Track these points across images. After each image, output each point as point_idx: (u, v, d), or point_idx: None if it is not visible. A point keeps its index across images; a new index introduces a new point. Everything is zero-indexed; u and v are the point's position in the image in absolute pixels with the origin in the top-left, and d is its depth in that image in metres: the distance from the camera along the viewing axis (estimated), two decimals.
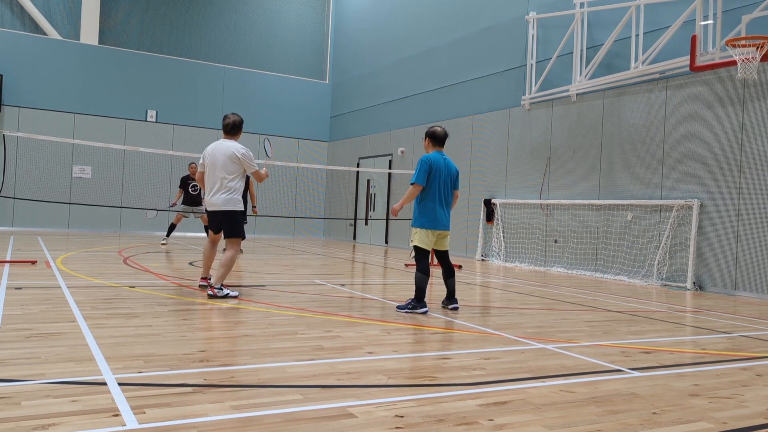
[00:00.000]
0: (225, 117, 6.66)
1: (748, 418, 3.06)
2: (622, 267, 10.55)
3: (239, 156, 6.40)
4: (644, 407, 3.16)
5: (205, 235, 13.42)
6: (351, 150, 20.08)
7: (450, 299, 6.35)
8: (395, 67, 17.97)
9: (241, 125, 6.68)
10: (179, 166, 18.89)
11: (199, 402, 2.92)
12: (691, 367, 4.15)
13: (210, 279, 6.75)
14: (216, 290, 6.30)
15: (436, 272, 8.42)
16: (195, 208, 13.50)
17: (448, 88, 15.56)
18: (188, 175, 13.72)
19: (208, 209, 6.53)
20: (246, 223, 13.46)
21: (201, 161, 6.65)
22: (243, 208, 6.70)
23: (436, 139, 6.34)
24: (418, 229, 6.17)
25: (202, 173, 6.64)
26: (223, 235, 6.65)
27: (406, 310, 6.01)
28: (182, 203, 13.74)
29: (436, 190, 6.15)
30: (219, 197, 6.39)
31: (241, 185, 6.51)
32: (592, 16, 11.65)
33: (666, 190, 10.07)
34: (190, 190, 13.61)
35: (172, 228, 13.86)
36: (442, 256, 6.41)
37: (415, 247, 6.16)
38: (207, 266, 6.94)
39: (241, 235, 6.59)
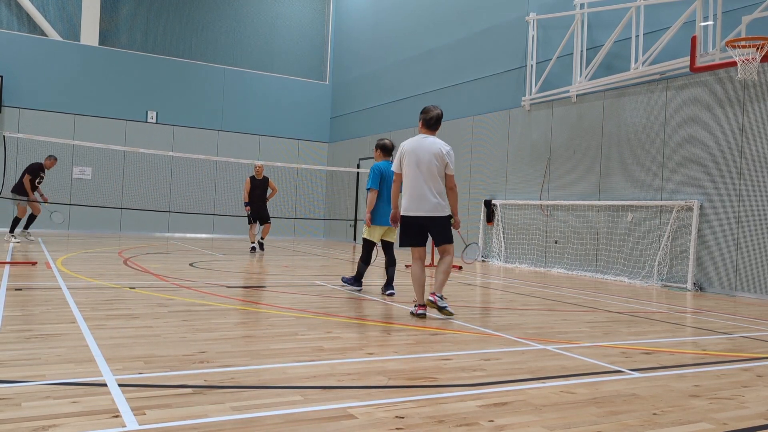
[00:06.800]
0: (430, 110, 5.99)
1: (749, 419, 3.06)
2: (623, 268, 10.55)
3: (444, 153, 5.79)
4: (645, 408, 3.16)
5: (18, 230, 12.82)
6: (351, 151, 20.07)
7: (387, 286, 7.26)
8: (395, 68, 17.97)
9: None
10: (180, 167, 18.91)
11: (200, 403, 2.92)
12: (692, 368, 4.15)
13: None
14: (437, 298, 5.74)
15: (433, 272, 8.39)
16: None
17: (448, 89, 15.57)
18: (42, 166, 12.90)
19: (417, 215, 5.77)
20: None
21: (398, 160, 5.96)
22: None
23: (386, 150, 7.60)
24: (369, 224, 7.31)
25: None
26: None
27: (347, 282, 7.60)
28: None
29: (385, 192, 7.25)
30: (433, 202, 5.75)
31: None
32: (592, 17, 11.65)
33: (666, 190, 10.07)
34: (36, 182, 12.87)
35: (17, 222, 12.83)
36: (388, 247, 7.46)
37: (364, 239, 7.42)
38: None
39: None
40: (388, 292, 7.17)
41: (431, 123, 5.99)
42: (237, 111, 20.14)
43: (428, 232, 5.86)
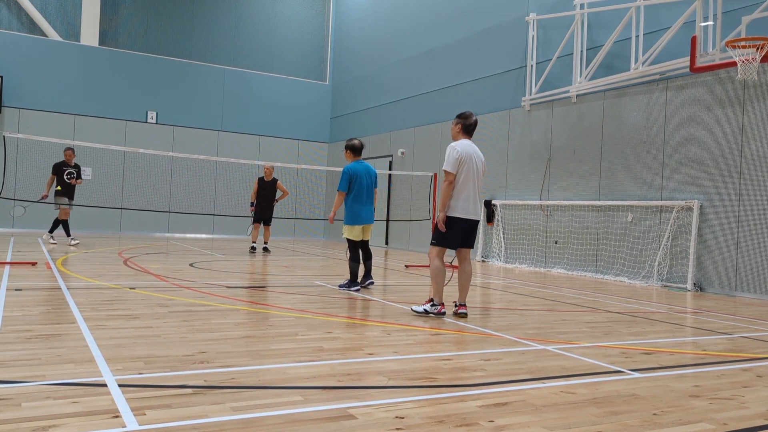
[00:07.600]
0: (470, 115, 6.01)
1: (749, 419, 3.06)
2: (623, 268, 10.55)
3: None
4: (645, 408, 3.16)
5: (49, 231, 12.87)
6: None
7: (366, 277, 7.66)
8: (396, 68, 17.97)
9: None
10: (180, 168, 18.91)
11: (200, 403, 2.92)
12: (692, 368, 4.15)
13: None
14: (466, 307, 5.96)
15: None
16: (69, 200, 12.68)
17: (448, 89, 15.57)
18: (64, 161, 12.72)
19: (473, 218, 5.90)
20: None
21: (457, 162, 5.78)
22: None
23: (355, 150, 7.71)
24: (349, 225, 7.52)
25: None
26: (465, 247, 6.00)
27: (345, 288, 7.40)
28: (59, 194, 12.62)
29: (359, 192, 7.45)
30: (480, 207, 6.01)
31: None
32: (592, 17, 11.65)
33: (666, 191, 10.07)
34: (65, 177, 12.61)
35: (65, 225, 12.86)
36: (364, 244, 7.74)
37: (348, 240, 7.60)
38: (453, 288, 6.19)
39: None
40: (367, 282, 7.61)
41: (471, 129, 6.08)
42: (237, 111, 20.14)
43: (466, 234, 5.92)
